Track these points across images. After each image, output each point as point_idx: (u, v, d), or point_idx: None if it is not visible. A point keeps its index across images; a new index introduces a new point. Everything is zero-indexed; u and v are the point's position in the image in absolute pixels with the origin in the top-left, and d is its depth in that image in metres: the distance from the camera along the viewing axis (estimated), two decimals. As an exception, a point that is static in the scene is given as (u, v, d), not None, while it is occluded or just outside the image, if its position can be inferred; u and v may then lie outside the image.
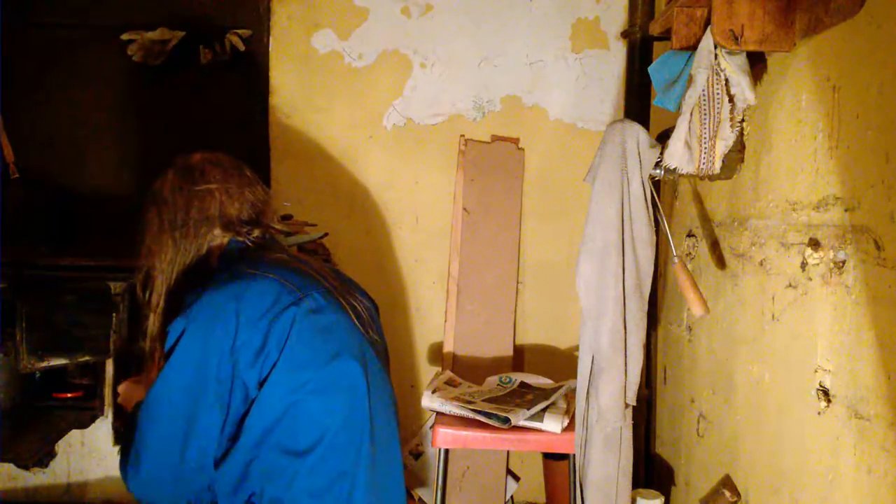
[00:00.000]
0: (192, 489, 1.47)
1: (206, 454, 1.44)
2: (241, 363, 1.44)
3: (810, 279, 1.50)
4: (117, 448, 2.63)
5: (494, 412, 2.02)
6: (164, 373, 1.44)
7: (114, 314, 2.20)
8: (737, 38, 1.58)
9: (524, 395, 2.20)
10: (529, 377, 2.36)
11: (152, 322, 1.59)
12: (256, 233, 1.64)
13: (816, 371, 1.46)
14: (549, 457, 2.57)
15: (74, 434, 2.64)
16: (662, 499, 2.20)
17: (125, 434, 1.50)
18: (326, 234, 2.58)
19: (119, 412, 2.43)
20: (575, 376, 1.99)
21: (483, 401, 2.14)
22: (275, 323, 1.46)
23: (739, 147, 1.82)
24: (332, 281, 1.66)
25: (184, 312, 1.46)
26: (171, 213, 1.60)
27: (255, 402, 1.47)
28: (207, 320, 1.44)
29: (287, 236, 2.38)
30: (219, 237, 1.61)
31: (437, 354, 2.82)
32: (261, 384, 1.46)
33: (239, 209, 1.63)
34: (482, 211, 2.75)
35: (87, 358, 2.16)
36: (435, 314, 2.82)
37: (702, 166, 1.77)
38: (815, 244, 1.47)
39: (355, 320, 1.62)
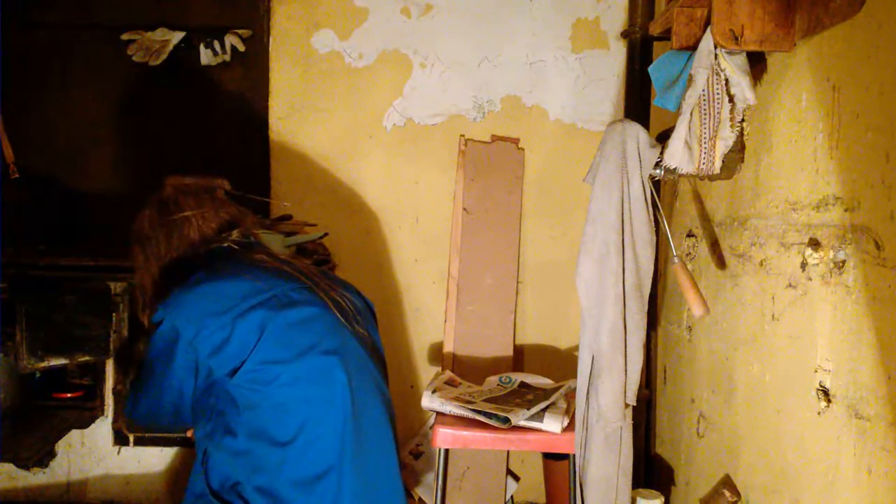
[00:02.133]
0: (171, 426, 1.83)
1: (179, 408, 1.65)
2: (202, 352, 1.56)
3: (810, 279, 1.50)
4: (117, 448, 2.65)
5: (494, 412, 2.02)
6: (149, 347, 1.65)
7: (114, 314, 2.20)
8: (737, 38, 1.58)
9: (524, 395, 2.20)
10: (529, 377, 2.36)
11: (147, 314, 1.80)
12: (235, 234, 1.72)
13: (816, 371, 1.46)
14: (549, 457, 2.57)
15: (74, 434, 2.65)
16: (662, 499, 2.20)
17: (134, 376, 1.83)
18: (326, 234, 2.58)
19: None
20: (575, 376, 1.99)
21: (483, 401, 2.14)
22: (240, 320, 1.56)
23: (739, 147, 1.82)
24: (313, 277, 1.71)
25: (164, 303, 1.61)
26: (154, 246, 1.74)
27: (235, 395, 1.53)
28: (177, 312, 1.58)
29: (287, 236, 2.39)
30: (201, 248, 1.73)
31: (437, 354, 2.82)
32: (233, 373, 1.54)
33: (216, 228, 1.74)
34: (482, 211, 2.75)
35: (87, 358, 2.16)
36: (435, 314, 2.82)
37: (702, 166, 1.77)
38: (815, 244, 1.47)
39: (337, 313, 1.67)
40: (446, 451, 2.07)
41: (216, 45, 2.70)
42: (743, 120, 1.77)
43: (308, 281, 1.70)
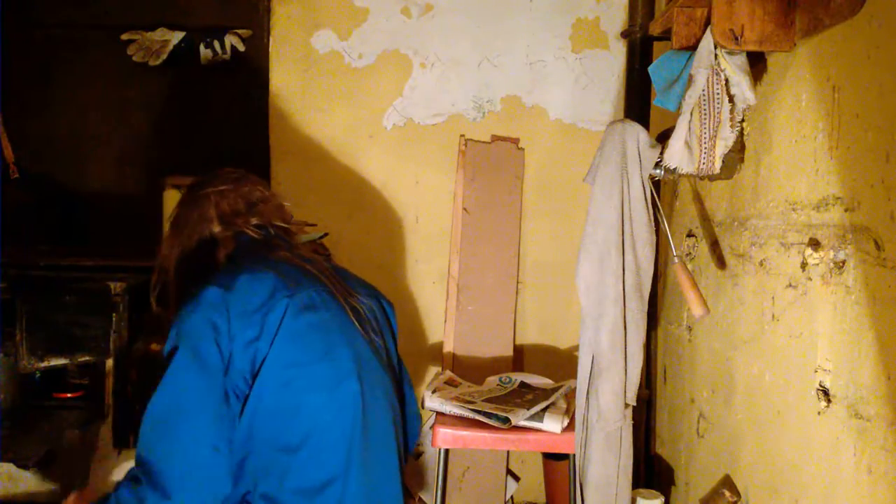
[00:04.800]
0: (229, 481, 1.45)
1: (228, 443, 1.45)
2: (235, 356, 1.46)
3: (810, 279, 1.50)
4: (117, 448, 2.65)
5: (494, 412, 2.02)
6: (171, 372, 1.46)
7: (114, 314, 2.20)
8: (737, 38, 1.58)
9: (524, 395, 2.20)
10: (529, 377, 2.36)
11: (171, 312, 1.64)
12: (255, 220, 1.68)
13: (816, 371, 1.46)
14: (549, 457, 2.57)
15: (74, 434, 2.64)
16: (662, 499, 2.20)
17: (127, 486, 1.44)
18: (326, 234, 2.58)
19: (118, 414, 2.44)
20: (575, 376, 1.99)
21: (483, 401, 2.14)
22: (268, 317, 1.50)
23: (739, 147, 1.82)
24: (332, 281, 1.68)
25: (187, 304, 1.51)
26: (177, 222, 1.71)
27: (248, 397, 1.50)
28: (204, 313, 1.48)
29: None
30: (219, 231, 1.68)
31: (437, 354, 2.82)
32: (253, 377, 1.49)
33: (233, 205, 1.71)
34: (482, 211, 2.75)
35: (87, 358, 2.16)
36: (435, 314, 2.82)
37: (702, 166, 1.77)
38: (815, 244, 1.47)
39: (354, 320, 1.64)
40: (446, 451, 2.07)
41: (216, 45, 2.70)
42: (743, 120, 1.77)
43: (328, 284, 1.67)
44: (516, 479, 2.80)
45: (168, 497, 1.36)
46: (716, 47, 1.66)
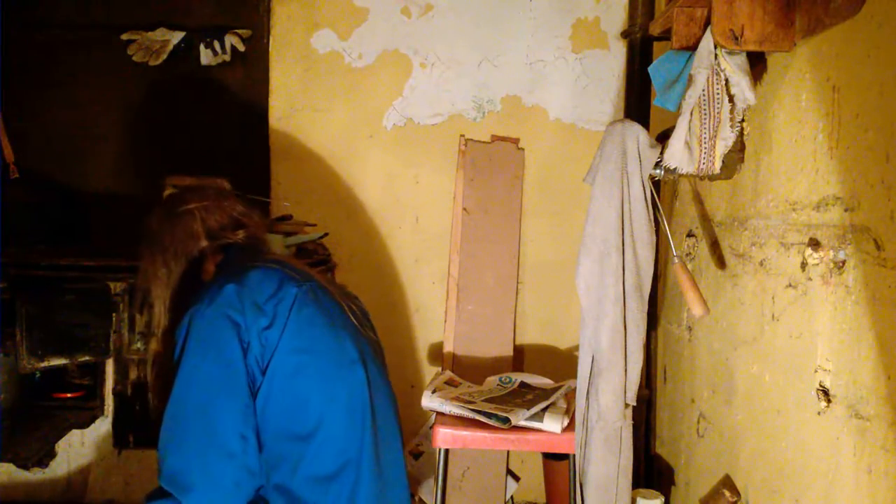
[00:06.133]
0: (256, 482, 1.48)
1: (254, 433, 1.49)
2: (253, 346, 1.50)
3: (810, 279, 1.50)
4: (117, 448, 2.65)
5: (494, 412, 2.02)
6: (188, 368, 1.49)
7: (114, 314, 2.20)
8: (737, 38, 1.58)
9: (524, 395, 2.20)
10: (529, 377, 2.36)
11: (155, 341, 1.67)
12: (241, 233, 1.71)
13: (816, 371, 1.46)
14: (549, 457, 2.57)
15: (74, 434, 2.65)
16: (662, 499, 2.20)
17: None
18: (326, 234, 2.59)
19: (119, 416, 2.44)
20: (575, 376, 1.99)
21: (483, 401, 2.14)
22: (278, 306, 1.53)
23: (739, 147, 1.82)
24: (327, 282, 1.73)
25: (198, 301, 1.52)
26: (159, 240, 1.71)
27: (259, 388, 1.51)
28: (219, 309, 1.50)
29: (287, 236, 2.39)
30: (207, 245, 1.69)
31: (437, 354, 2.82)
32: (265, 367, 1.51)
33: (219, 220, 1.74)
34: (482, 211, 2.75)
35: (87, 358, 2.16)
36: (435, 314, 2.82)
37: (702, 166, 1.77)
38: (815, 244, 1.47)
39: (351, 317, 1.68)
40: (446, 451, 2.07)
41: (216, 45, 2.70)
42: (743, 120, 1.77)
43: (325, 284, 1.71)
44: (516, 479, 2.80)
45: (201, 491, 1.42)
46: (716, 47, 1.66)
